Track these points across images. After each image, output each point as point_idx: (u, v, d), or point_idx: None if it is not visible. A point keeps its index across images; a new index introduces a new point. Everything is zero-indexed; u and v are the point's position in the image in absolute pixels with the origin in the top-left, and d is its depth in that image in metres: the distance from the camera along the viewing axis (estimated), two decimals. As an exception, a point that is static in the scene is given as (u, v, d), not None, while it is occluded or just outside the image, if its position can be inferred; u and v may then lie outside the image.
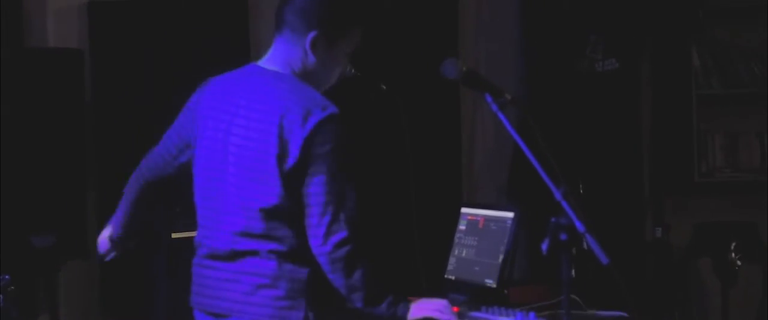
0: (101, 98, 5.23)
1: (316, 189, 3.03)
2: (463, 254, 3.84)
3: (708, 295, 5.87)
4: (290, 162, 3.03)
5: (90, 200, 5.16)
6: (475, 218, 3.85)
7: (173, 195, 5.32)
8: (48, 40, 5.25)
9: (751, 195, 5.77)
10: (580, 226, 2.91)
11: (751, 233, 5.65)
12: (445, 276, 3.88)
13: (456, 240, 3.89)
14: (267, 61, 3.21)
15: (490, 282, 3.68)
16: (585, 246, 3.02)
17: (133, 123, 5.24)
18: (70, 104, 4.96)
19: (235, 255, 3.15)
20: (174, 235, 4.90)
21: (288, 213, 3.07)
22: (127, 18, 5.23)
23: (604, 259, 2.85)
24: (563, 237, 2.97)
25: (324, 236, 3.03)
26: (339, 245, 3.03)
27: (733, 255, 5.55)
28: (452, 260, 3.88)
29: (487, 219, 3.80)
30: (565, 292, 2.95)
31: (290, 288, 3.08)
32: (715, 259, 5.65)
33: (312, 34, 3.12)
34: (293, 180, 3.04)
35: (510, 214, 3.72)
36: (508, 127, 3.08)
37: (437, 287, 3.79)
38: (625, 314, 3.47)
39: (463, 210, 3.93)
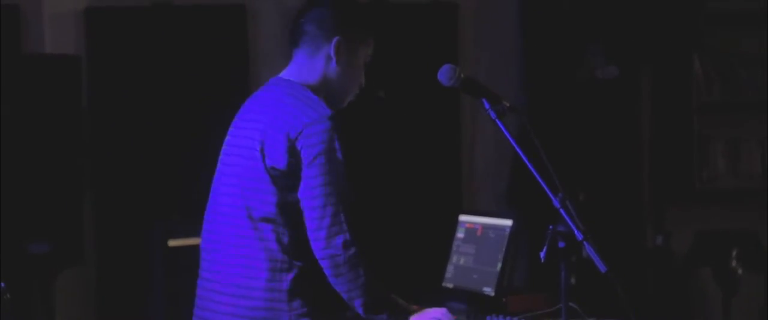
0: (98, 104, 5.22)
1: (311, 192, 3.02)
2: (461, 262, 3.82)
3: (709, 304, 5.84)
4: (280, 165, 3.03)
5: (86, 207, 5.14)
6: (473, 226, 3.83)
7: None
8: (45, 46, 5.22)
9: (753, 202, 5.74)
10: (578, 234, 2.89)
11: (752, 241, 5.63)
12: (443, 284, 3.86)
13: (454, 247, 3.87)
14: (285, 74, 3.23)
15: (488, 291, 3.66)
16: (584, 253, 3.00)
17: (129, 129, 5.23)
18: (67, 110, 4.94)
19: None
20: (171, 243, 4.88)
21: (278, 217, 3.08)
22: (124, 24, 5.22)
23: (602, 267, 2.84)
24: (561, 244, 2.95)
25: (326, 239, 3.01)
26: (342, 247, 3.01)
27: (734, 263, 5.52)
28: (450, 268, 3.86)
29: (485, 226, 3.78)
30: (563, 300, 2.93)
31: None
32: (716, 267, 5.62)
33: (335, 40, 3.16)
34: (284, 186, 3.05)
35: (508, 222, 3.70)
36: (507, 134, 3.06)
37: (435, 295, 3.77)
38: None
39: (461, 217, 3.91)
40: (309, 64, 3.18)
